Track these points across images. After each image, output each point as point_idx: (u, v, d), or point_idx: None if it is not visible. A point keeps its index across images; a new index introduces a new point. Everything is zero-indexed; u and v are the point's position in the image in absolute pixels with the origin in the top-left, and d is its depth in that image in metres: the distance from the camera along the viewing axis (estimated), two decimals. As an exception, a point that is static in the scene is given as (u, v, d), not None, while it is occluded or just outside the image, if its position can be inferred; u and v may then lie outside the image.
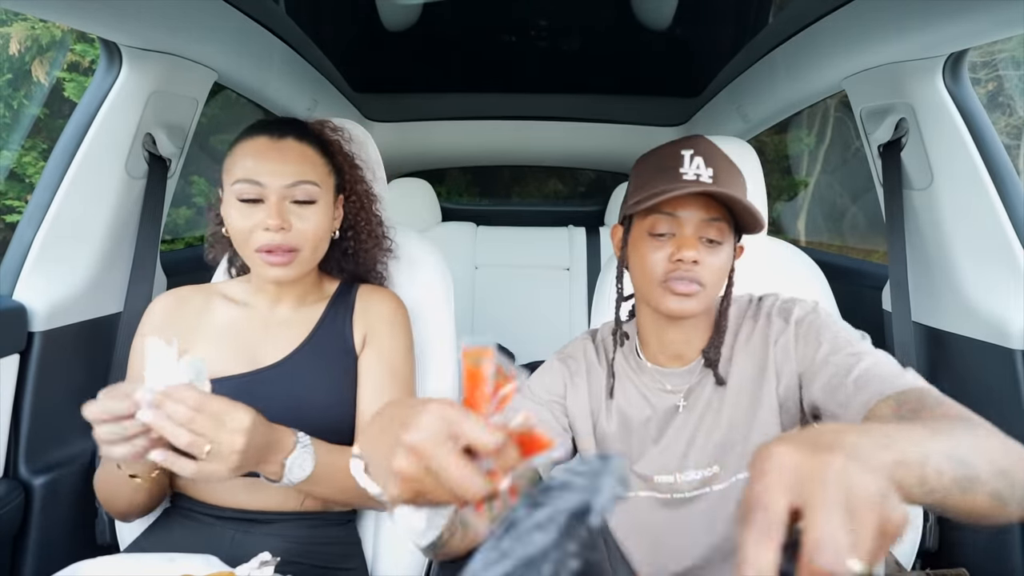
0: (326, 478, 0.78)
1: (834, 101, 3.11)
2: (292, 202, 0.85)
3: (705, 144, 0.76)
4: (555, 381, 0.86)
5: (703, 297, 0.75)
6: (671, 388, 0.82)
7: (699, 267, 0.74)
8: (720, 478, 0.79)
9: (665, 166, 0.75)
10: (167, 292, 0.96)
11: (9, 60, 2.81)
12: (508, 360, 0.45)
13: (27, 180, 2.74)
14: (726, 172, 0.75)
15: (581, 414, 0.84)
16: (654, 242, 0.76)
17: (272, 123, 0.89)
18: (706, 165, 0.74)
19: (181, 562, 0.74)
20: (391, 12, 1.55)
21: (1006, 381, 0.99)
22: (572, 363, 0.88)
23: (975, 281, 1.06)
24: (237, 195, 0.83)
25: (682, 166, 0.74)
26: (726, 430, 0.79)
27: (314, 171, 0.87)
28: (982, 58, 1.87)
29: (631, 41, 1.70)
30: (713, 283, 0.76)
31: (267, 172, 0.83)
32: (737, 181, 0.76)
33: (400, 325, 0.96)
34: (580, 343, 0.91)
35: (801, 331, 0.77)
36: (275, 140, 0.85)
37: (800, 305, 0.80)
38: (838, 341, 0.73)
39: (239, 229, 0.84)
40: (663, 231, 0.76)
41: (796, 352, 0.77)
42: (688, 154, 0.75)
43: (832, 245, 3.87)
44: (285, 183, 0.84)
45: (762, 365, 0.79)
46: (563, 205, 3.75)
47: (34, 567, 0.99)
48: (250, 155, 0.84)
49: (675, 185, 0.73)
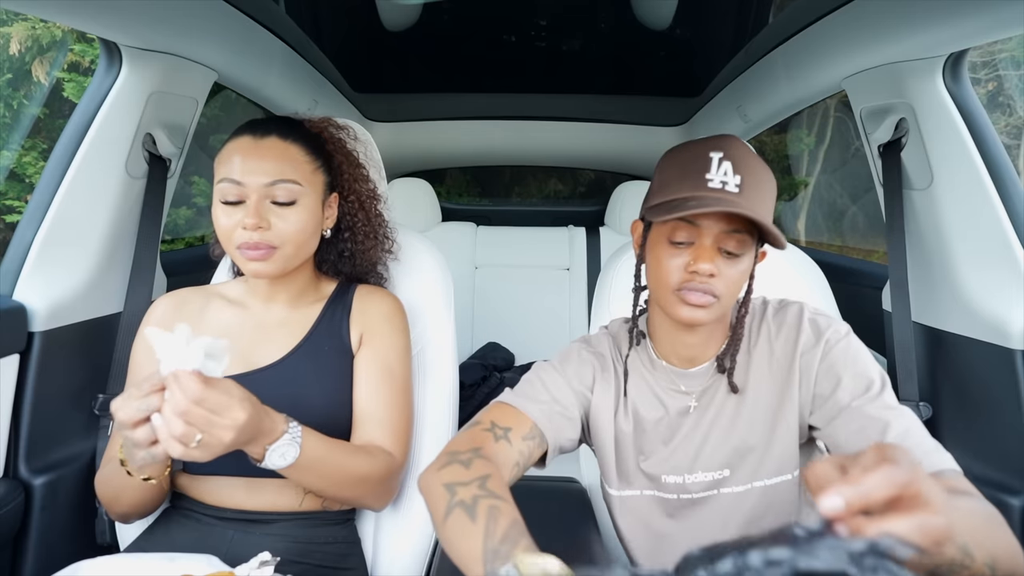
0: (314, 469, 0.77)
1: (834, 101, 3.12)
2: (273, 202, 0.84)
3: (736, 147, 0.72)
4: (587, 372, 0.84)
5: (717, 308, 0.73)
6: (685, 389, 0.81)
7: (715, 280, 0.72)
8: (730, 481, 0.78)
9: (691, 169, 0.72)
10: (167, 295, 0.96)
11: (9, 60, 2.81)
12: None
13: (27, 180, 2.74)
14: (755, 180, 0.71)
15: (605, 410, 0.83)
16: (671, 249, 0.74)
17: (258, 122, 0.88)
18: (734, 171, 0.70)
19: (181, 562, 0.74)
20: (391, 12, 1.55)
21: (1006, 381, 0.99)
22: (601, 359, 0.86)
23: (975, 281, 1.06)
24: (219, 196, 0.84)
25: (709, 171, 0.70)
26: (743, 435, 0.78)
27: (295, 170, 0.86)
28: (982, 58, 1.87)
29: (631, 41, 1.71)
30: (729, 294, 0.74)
31: (247, 171, 0.83)
32: (766, 189, 0.72)
33: (397, 325, 0.96)
34: (603, 338, 0.89)
35: (830, 355, 0.75)
36: (257, 139, 0.85)
37: (834, 327, 0.77)
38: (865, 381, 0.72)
39: (222, 228, 0.84)
40: (682, 239, 0.73)
41: (817, 372, 0.75)
42: (717, 157, 0.71)
43: (832, 245, 3.87)
44: (264, 182, 0.83)
45: (786, 374, 0.77)
46: (563, 205, 3.75)
47: (34, 567, 0.99)
48: (232, 155, 0.84)
49: (698, 195, 0.70)
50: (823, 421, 0.74)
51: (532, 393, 0.80)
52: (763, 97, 1.55)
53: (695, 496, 0.79)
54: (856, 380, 0.73)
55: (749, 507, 0.78)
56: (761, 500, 0.77)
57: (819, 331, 0.77)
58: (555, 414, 0.79)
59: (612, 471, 0.83)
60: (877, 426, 0.68)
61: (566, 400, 0.81)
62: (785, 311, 0.81)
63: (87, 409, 1.11)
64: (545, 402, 0.79)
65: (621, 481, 0.83)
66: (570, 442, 0.82)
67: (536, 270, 2.22)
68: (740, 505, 0.78)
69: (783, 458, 0.77)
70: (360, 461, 0.84)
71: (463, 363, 1.92)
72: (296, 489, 0.89)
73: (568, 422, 0.80)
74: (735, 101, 1.72)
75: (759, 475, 0.77)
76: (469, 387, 1.82)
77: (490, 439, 0.74)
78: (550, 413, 0.79)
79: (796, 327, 0.78)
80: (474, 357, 2.03)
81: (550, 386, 0.81)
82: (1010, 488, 0.98)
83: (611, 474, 0.83)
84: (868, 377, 0.73)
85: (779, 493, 0.77)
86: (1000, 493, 0.98)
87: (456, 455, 0.70)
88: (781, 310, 0.81)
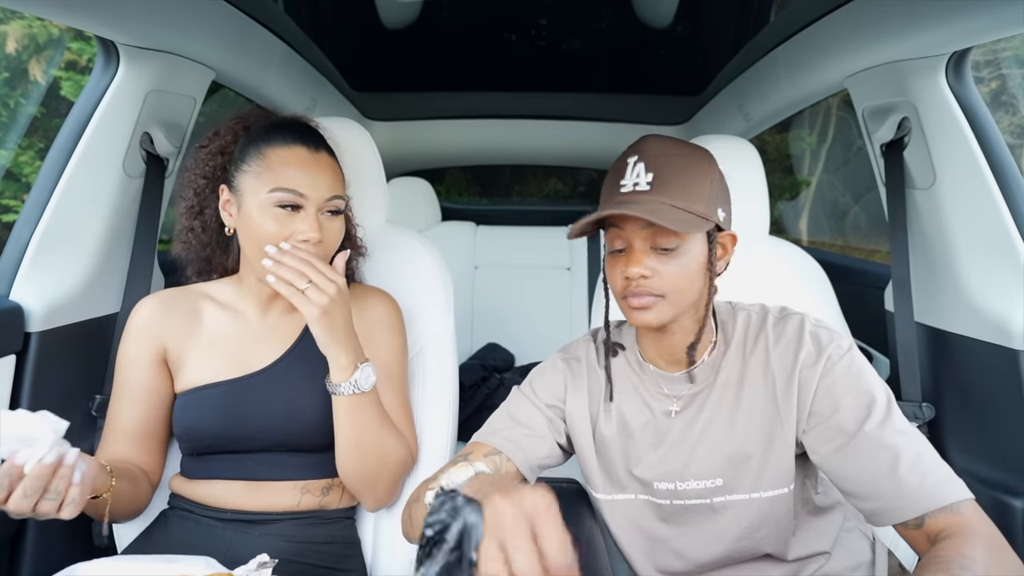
0: (371, 412, 0.85)
1: (836, 100, 3.11)
2: (324, 213, 0.86)
3: (652, 145, 0.73)
4: (557, 382, 0.85)
5: (664, 307, 0.73)
6: (668, 392, 0.81)
7: (650, 280, 0.72)
8: (723, 491, 0.77)
9: (612, 180, 0.75)
10: (151, 296, 0.95)
11: (6, 59, 2.80)
12: None
13: (23, 179, 2.73)
14: (669, 172, 0.71)
15: (581, 416, 0.83)
16: (612, 258, 0.76)
17: (304, 132, 0.89)
18: (646, 170, 0.71)
19: (179, 564, 0.73)
20: (390, 11, 1.55)
21: (1009, 381, 0.99)
22: (575, 364, 0.87)
23: (978, 281, 1.05)
24: (277, 202, 0.83)
25: (624, 176, 0.73)
26: (739, 444, 0.76)
27: (341, 185, 0.90)
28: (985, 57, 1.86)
29: (632, 39, 1.70)
30: (674, 290, 0.72)
31: (308, 184, 0.84)
32: (682, 178, 0.71)
33: (395, 327, 0.96)
34: (583, 344, 0.90)
35: (832, 373, 0.73)
36: (312, 152, 0.87)
37: (836, 342, 0.75)
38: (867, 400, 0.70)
39: (272, 235, 0.83)
40: (619, 247, 0.75)
41: (817, 389, 0.73)
42: (632, 161, 0.73)
43: (834, 245, 3.86)
44: (324, 196, 0.85)
45: (784, 386, 0.75)
46: (563, 205, 3.74)
47: (31, 569, 0.98)
48: (291, 165, 0.84)
49: (612, 202, 0.72)
50: (820, 442, 0.73)
51: (496, 425, 0.83)
52: (765, 96, 1.54)
53: (688, 503, 0.79)
54: (858, 400, 0.71)
55: (746, 517, 0.77)
56: (758, 511, 0.76)
57: (821, 346, 0.75)
58: (519, 437, 0.81)
59: (596, 475, 0.83)
60: (888, 455, 0.67)
61: (533, 421, 0.83)
62: (786, 321, 0.79)
63: (84, 410, 1.10)
64: (507, 428, 0.82)
65: (611, 485, 0.83)
66: (546, 460, 0.83)
67: (536, 270, 2.22)
68: (737, 515, 0.77)
69: (780, 470, 0.75)
70: (393, 432, 0.89)
71: (463, 364, 1.92)
72: (294, 488, 0.89)
73: (539, 441, 0.82)
74: (736, 100, 1.71)
75: (757, 487, 0.76)
76: (469, 388, 1.82)
77: (449, 466, 0.77)
78: (512, 437, 0.81)
79: (797, 339, 0.76)
80: (474, 358, 2.03)
81: (515, 412, 0.84)
82: (1013, 489, 0.97)
83: (595, 478, 0.83)
84: (871, 395, 0.71)
85: (776, 505, 0.76)
86: (1002, 494, 0.97)
87: (410, 501, 0.77)
88: (782, 320, 0.80)
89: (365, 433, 0.84)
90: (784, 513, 0.76)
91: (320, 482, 0.90)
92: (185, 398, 0.88)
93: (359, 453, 0.84)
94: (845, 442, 0.70)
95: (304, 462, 0.89)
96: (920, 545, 0.66)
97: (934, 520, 0.64)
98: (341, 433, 0.84)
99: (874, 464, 0.68)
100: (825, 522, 0.81)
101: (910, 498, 0.65)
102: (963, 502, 0.64)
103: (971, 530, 0.62)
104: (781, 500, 0.76)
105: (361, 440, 0.84)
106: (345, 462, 0.86)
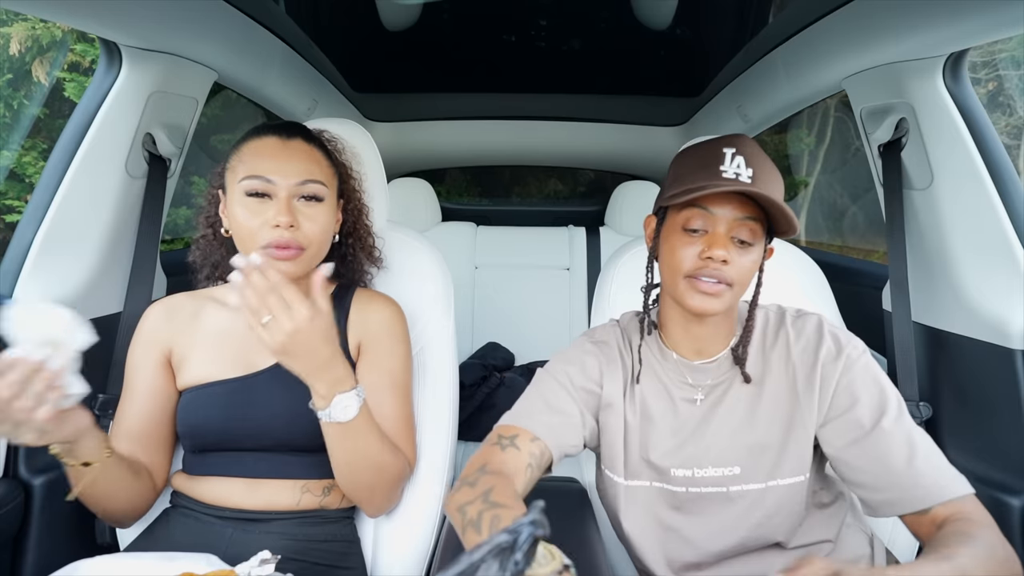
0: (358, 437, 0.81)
1: (834, 101, 3.12)
2: (299, 199, 0.85)
3: (747, 144, 0.76)
4: (591, 364, 0.86)
5: (728, 296, 0.76)
6: (692, 382, 0.83)
7: (728, 267, 0.74)
8: (740, 479, 0.79)
9: (706, 162, 0.76)
10: (159, 301, 0.96)
11: (9, 60, 2.81)
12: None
13: (27, 180, 2.74)
14: (766, 173, 0.75)
15: (617, 398, 0.84)
16: (686, 237, 0.77)
17: (279, 125, 0.90)
18: (747, 165, 0.74)
19: (180, 561, 0.74)
20: (391, 12, 1.55)
21: (1006, 381, 0.99)
22: (605, 348, 0.87)
23: (975, 281, 1.06)
24: (245, 190, 0.84)
25: (723, 164, 0.74)
26: (759, 434, 0.79)
27: (321, 171, 0.88)
28: (982, 58, 1.87)
29: (631, 41, 1.71)
30: (740, 283, 0.76)
31: (276, 170, 0.84)
32: (776, 183, 0.76)
33: (399, 332, 0.96)
34: (609, 329, 0.91)
35: (851, 371, 0.78)
36: (284, 140, 0.87)
37: (853, 343, 0.80)
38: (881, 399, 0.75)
39: (246, 226, 0.83)
40: (696, 227, 0.76)
41: (837, 384, 0.78)
42: (730, 152, 0.75)
43: (832, 245, 3.87)
44: (294, 181, 0.85)
45: (806, 380, 0.79)
46: (563, 205, 3.74)
47: (34, 567, 0.99)
48: (259, 154, 0.85)
49: (714, 182, 0.73)
50: (836, 435, 0.77)
51: (530, 409, 0.83)
52: (763, 97, 1.55)
53: (704, 491, 0.80)
54: (874, 398, 0.76)
55: (762, 505, 0.78)
56: (775, 499, 0.78)
57: (840, 345, 0.79)
58: (556, 424, 0.81)
59: (620, 461, 0.83)
60: (905, 449, 0.72)
61: (567, 408, 0.83)
62: (805, 320, 0.83)
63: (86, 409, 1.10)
64: (543, 413, 0.82)
65: (628, 471, 0.83)
66: (574, 448, 0.84)
67: (536, 270, 2.22)
68: (752, 503, 0.78)
69: (798, 459, 0.78)
70: (388, 450, 0.86)
71: (463, 363, 1.92)
72: (294, 488, 0.89)
73: (571, 429, 0.82)
74: (735, 101, 1.72)
75: (775, 475, 0.78)
76: (469, 387, 1.82)
77: (497, 451, 0.77)
78: (550, 424, 0.81)
79: (817, 336, 0.81)
80: (474, 357, 2.03)
81: (549, 398, 0.83)
82: (1010, 488, 0.98)
83: (618, 464, 0.84)
84: (885, 394, 0.76)
85: (791, 494, 0.78)
86: (1000, 493, 0.98)
87: (465, 479, 0.74)
88: (800, 318, 0.84)
89: (355, 455, 0.82)
90: (799, 501, 0.78)
91: (321, 482, 0.91)
92: (189, 395, 0.89)
93: (351, 471, 0.84)
94: (861, 436, 0.74)
95: (305, 462, 0.89)
96: (924, 529, 0.71)
97: (942, 507, 0.70)
98: (332, 453, 0.83)
99: (891, 457, 0.72)
100: (829, 514, 0.83)
101: (925, 489, 0.70)
102: (969, 495, 0.70)
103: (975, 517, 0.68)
104: (797, 488, 0.78)
105: (352, 461, 0.83)
106: (339, 477, 0.86)
